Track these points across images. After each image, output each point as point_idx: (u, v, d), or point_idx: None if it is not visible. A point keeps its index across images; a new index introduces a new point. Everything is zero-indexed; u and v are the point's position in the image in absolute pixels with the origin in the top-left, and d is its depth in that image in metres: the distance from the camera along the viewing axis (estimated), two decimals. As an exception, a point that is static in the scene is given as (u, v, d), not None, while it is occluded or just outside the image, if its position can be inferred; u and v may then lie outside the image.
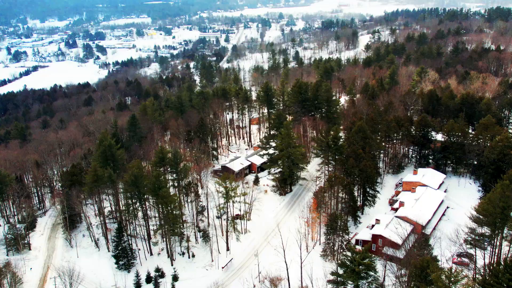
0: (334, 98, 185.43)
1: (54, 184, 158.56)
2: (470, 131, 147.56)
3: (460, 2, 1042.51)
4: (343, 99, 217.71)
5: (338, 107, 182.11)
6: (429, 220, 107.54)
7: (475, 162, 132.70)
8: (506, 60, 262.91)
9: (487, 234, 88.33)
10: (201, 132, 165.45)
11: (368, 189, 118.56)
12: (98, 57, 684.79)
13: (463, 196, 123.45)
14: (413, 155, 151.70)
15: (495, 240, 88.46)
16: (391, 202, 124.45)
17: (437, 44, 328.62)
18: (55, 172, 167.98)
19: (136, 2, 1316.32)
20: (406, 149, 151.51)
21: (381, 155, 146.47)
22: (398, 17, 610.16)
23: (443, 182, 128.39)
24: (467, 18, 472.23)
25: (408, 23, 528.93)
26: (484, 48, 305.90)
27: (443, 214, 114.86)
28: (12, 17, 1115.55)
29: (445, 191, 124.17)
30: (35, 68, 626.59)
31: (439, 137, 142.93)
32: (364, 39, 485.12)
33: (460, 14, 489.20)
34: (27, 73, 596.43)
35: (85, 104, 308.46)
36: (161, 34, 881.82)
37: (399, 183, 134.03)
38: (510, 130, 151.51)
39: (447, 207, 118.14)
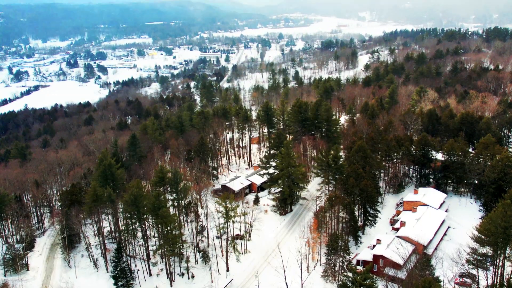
0: (334, 117, 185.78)
1: (54, 203, 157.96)
2: (470, 150, 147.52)
3: (458, 22, 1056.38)
4: (343, 119, 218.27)
5: (338, 126, 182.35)
6: (431, 240, 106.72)
7: (476, 181, 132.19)
8: (505, 79, 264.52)
9: (489, 254, 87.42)
10: (201, 152, 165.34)
11: (368, 209, 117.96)
12: (99, 77, 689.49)
13: (464, 215, 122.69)
14: (414, 175, 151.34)
15: (498, 260, 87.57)
16: (392, 222, 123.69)
17: (436, 63, 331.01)
18: (55, 192, 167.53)
19: (137, 23, 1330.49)
20: (407, 168, 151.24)
21: (382, 174, 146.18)
22: (397, 37, 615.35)
23: (444, 201, 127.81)
24: (465, 38, 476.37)
25: (407, 43, 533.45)
26: (482, 67, 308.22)
27: (445, 234, 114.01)
28: (15, 37, 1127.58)
29: (446, 211, 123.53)
30: (36, 88, 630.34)
31: (439, 156, 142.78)
32: (364, 59, 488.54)
33: (458, 34, 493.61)
34: (28, 92, 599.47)
35: (85, 123, 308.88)
36: (162, 54, 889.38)
37: (400, 202, 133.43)
38: (510, 149, 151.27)
39: (449, 227, 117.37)
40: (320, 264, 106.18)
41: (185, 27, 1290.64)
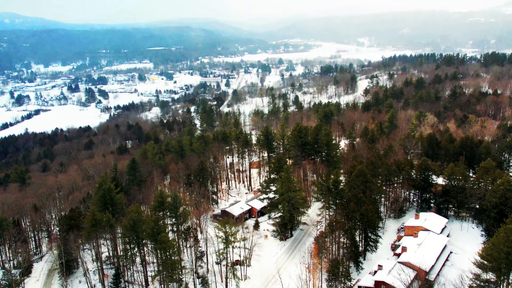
0: (334, 142, 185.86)
1: (52, 228, 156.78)
2: (470, 174, 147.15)
3: (456, 48, 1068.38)
4: (343, 143, 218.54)
5: (338, 151, 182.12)
6: (433, 266, 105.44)
7: (477, 206, 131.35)
8: (504, 103, 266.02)
9: (492, 280, 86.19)
10: (201, 176, 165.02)
11: (369, 234, 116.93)
12: (100, 101, 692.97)
13: (466, 240, 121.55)
14: (414, 199, 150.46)
15: (501, 287, 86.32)
16: (393, 247, 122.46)
17: (435, 88, 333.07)
18: (53, 216, 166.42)
19: (138, 48, 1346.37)
20: (407, 193, 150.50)
21: (382, 199, 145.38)
22: (396, 62, 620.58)
23: (445, 226, 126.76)
24: (464, 63, 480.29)
25: (406, 68, 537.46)
26: (481, 92, 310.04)
27: (447, 260, 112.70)
28: (17, 62, 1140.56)
29: (447, 236, 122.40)
30: (37, 112, 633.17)
31: (440, 180, 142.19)
32: (363, 83, 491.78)
33: (456, 59, 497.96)
34: (29, 116, 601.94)
35: (85, 147, 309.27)
36: (162, 79, 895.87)
37: (401, 227, 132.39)
38: (511, 174, 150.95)
39: (451, 252, 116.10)
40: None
41: (186, 52, 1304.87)
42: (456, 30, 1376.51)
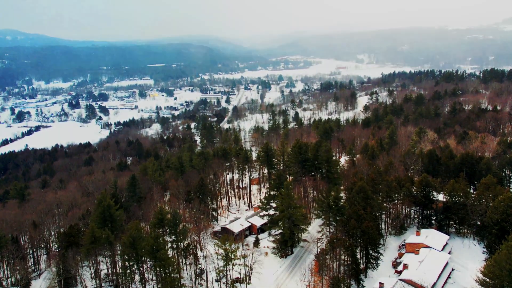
0: (334, 158, 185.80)
1: (51, 245, 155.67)
2: (471, 191, 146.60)
3: (455, 64, 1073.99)
4: (343, 159, 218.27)
5: (338, 167, 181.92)
6: (435, 283, 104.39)
7: (479, 223, 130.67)
8: (503, 120, 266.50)
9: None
10: (201, 193, 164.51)
11: (370, 251, 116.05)
12: (100, 118, 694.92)
13: (468, 257, 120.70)
14: (415, 216, 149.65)
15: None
16: (395, 264, 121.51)
17: (434, 104, 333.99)
18: (52, 233, 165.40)
19: (139, 65, 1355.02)
20: (408, 209, 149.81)
21: (383, 215, 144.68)
22: (395, 79, 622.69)
23: (446, 243, 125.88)
24: (463, 79, 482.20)
25: (405, 85, 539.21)
26: (481, 108, 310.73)
27: (449, 277, 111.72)
28: (18, 78, 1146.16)
29: (449, 253, 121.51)
30: (37, 128, 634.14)
31: (441, 197, 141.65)
32: (363, 100, 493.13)
33: (455, 76, 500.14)
34: (29, 133, 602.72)
35: (85, 164, 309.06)
36: (163, 95, 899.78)
37: (402, 244, 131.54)
38: None
39: (452, 269, 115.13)
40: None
41: (187, 69, 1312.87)
42: (454, 47, 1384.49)
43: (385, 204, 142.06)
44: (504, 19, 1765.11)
